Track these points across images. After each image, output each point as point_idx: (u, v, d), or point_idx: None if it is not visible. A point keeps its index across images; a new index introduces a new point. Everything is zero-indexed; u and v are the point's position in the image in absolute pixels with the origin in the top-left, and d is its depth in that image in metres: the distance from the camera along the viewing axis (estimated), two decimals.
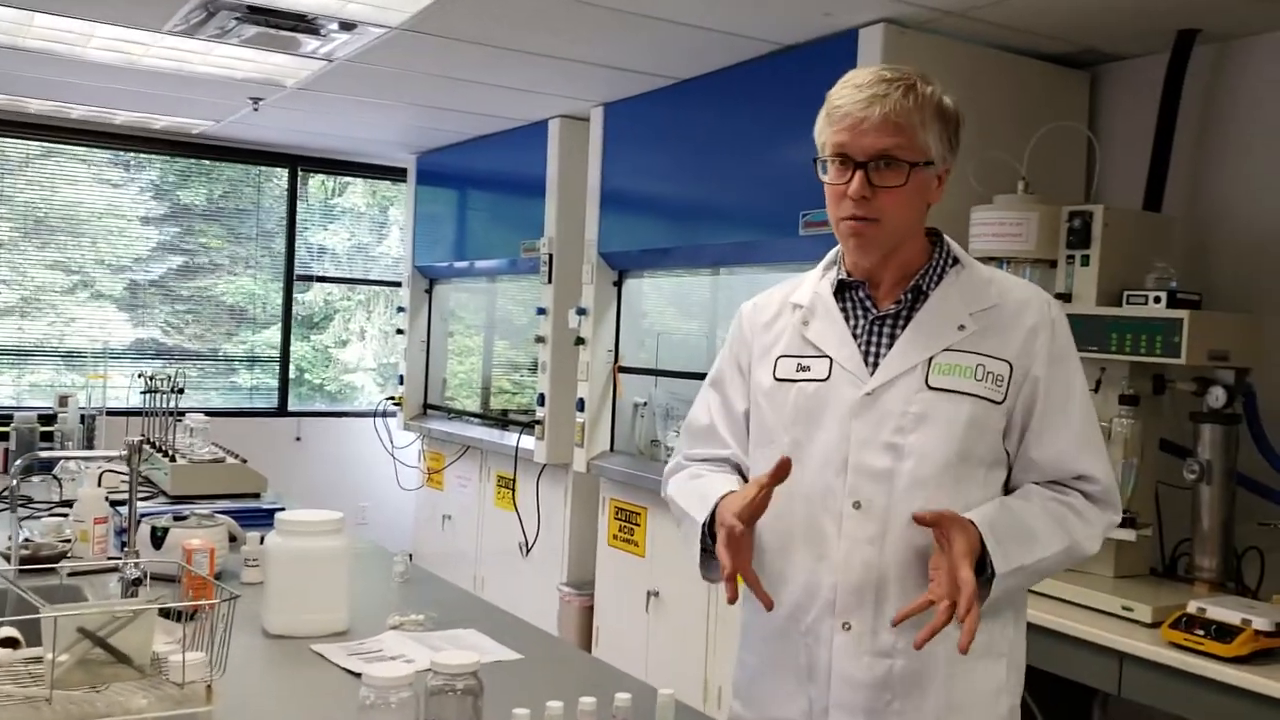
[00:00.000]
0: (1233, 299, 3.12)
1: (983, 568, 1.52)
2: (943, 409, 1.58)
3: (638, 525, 4.52)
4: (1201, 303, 2.84)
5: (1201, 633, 2.44)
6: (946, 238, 1.73)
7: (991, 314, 1.64)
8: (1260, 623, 2.39)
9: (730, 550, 1.54)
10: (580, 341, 4.82)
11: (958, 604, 1.44)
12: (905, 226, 1.63)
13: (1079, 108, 3.68)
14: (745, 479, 1.76)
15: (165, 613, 1.90)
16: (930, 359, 1.61)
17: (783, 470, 1.54)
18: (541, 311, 5.14)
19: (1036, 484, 1.65)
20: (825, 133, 1.63)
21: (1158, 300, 2.80)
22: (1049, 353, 1.63)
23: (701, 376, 4.56)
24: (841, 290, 1.71)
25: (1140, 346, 2.79)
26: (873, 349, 1.65)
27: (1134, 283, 2.90)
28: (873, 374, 1.63)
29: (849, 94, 1.59)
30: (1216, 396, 2.82)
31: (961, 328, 1.62)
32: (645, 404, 4.79)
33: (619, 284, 4.84)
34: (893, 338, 1.65)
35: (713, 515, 1.63)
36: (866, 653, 1.58)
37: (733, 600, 1.56)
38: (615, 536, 4.67)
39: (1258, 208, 3.26)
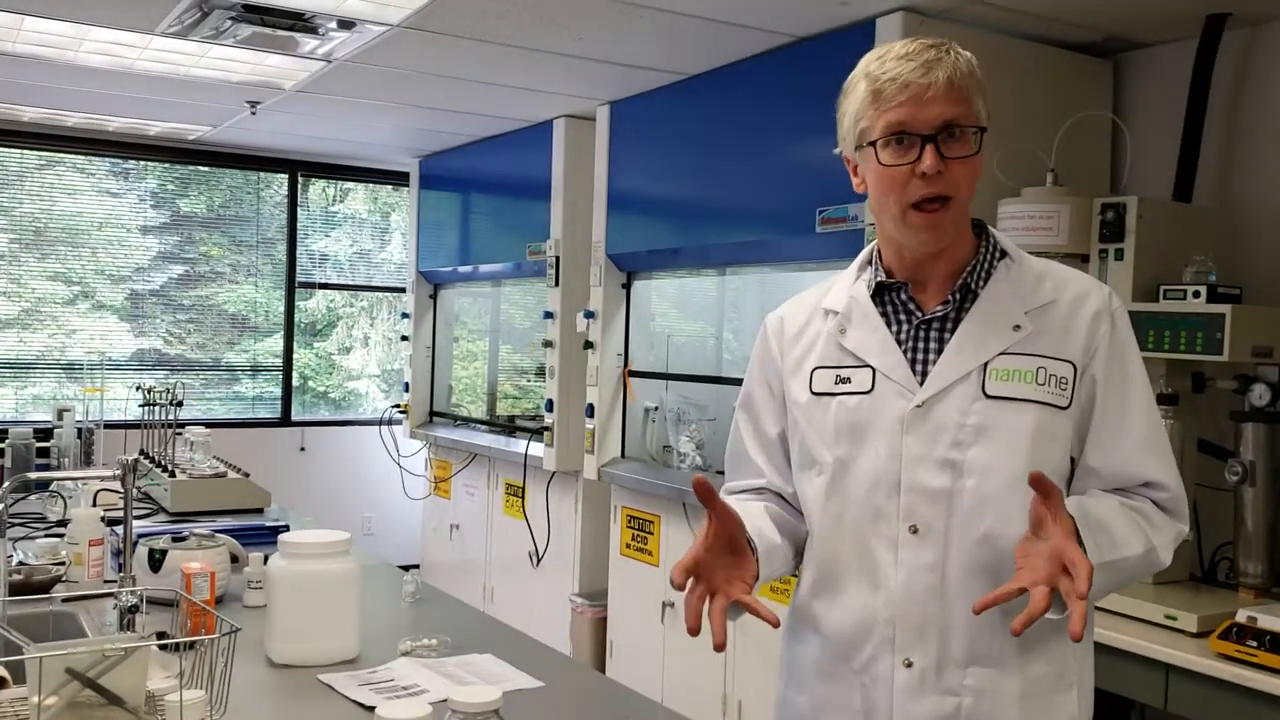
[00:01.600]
0: (1270, 292, 3.01)
1: None
2: (1004, 419, 1.45)
3: (651, 534, 4.41)
4: (1242, 296, 2.73)
5: (1254, 644, 2.32)
6: (991, 229, 1.59)
7: (1049, 311, 1.50)
8: None
9: (692, 603, 1.41)
10: (589, 345, 4.71)
11: (1068, 585, 1.28)
12: (969, 205, 1.50)
13: (1102, 97, 3.57)
14: (794, 505, 1.63)
15: (164, 644, 1.79)
16: (985, 364, 1.47)
17: (702, 491, 1.39)
18: (549, 315, 5.03)
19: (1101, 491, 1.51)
20: (868, 114, 1.47)
21: (1197, 295, 2.69)
22: (1108, 348, 1.49)
23: (714, 380, 4.51)
24: (880, 293, 1.57)
25: (1180, 343, 2.67)
26: (920, 356, 1.52)
27: (1170, 277, 2.79)
28: (922, 384, 1.49)
29: (897, 65, 1.44)
30: (1260, 394, 2.70)
31: (1017, 328, 1.48)
32: (656, 408, 4.67)
33: (628, 286, 4.73)
34: (941, 343, 1.51)
35: None
36: (931, 691, 1.45)
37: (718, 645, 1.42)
38: (628, 545, 4.56)
39: None
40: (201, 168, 6.49)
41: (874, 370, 1.52)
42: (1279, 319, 2.71)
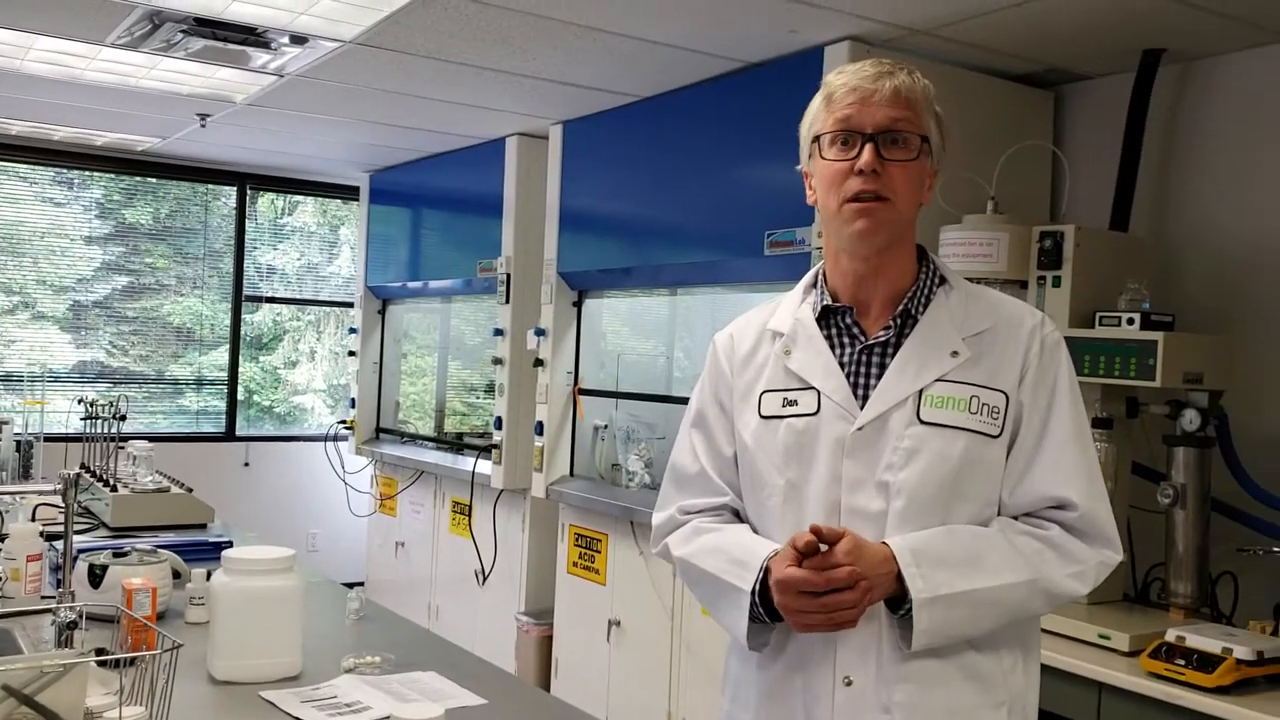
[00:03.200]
0: (1200, 320, 3.10)
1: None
2: (934, 444, 1.49)
3: (598, 552, 4.42)
4: (1174, 324, 2.81)
5: (1182, 662, 2.38)
6: (932, 255, 1.64)
7: (985, 338, 1.55)
8: (1241, 651, 2.34)
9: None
10: (539, 363, 4.72)
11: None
12: (908, 216, 1.55)
13: (1043, 127, 3.66)
14: (753, 527, 1.64)
15: (103, 660, 1.77)
16: (921, 391, 1.51)
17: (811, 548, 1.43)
18: (499, 332, 5.04)
19: (1014, 519, 1.53)
20: (821, 116, 1.56)
21: (1131, 322, 2.76)
22: (1035, 373, 1.53)
23: (663, 399, 4.54)
24: (825, 316, 1.61)
25: (1114, 369, 2.74)
26: (862, 380, 1.55)
27: (1106, 304, 2.86)
28: (863, 407, 1.53)
29: (852, 75, 1.55)
30: (1190, 419, 2.78)
31: (954, 354, 1.53)
32: (606, 427, 4.69)
33: (579, 304, 4.75)
34: (883, 368, 1.55)
35: (764, 582, 1.48)
36: (869, 708, 1.48)
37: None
38: (575, 564, 4.56)
39: (1224, 227, 3.24)
40: (149, 179, 6.42)
41: (818, 393, 1.55)
42: (1209, 346, 2.79)
